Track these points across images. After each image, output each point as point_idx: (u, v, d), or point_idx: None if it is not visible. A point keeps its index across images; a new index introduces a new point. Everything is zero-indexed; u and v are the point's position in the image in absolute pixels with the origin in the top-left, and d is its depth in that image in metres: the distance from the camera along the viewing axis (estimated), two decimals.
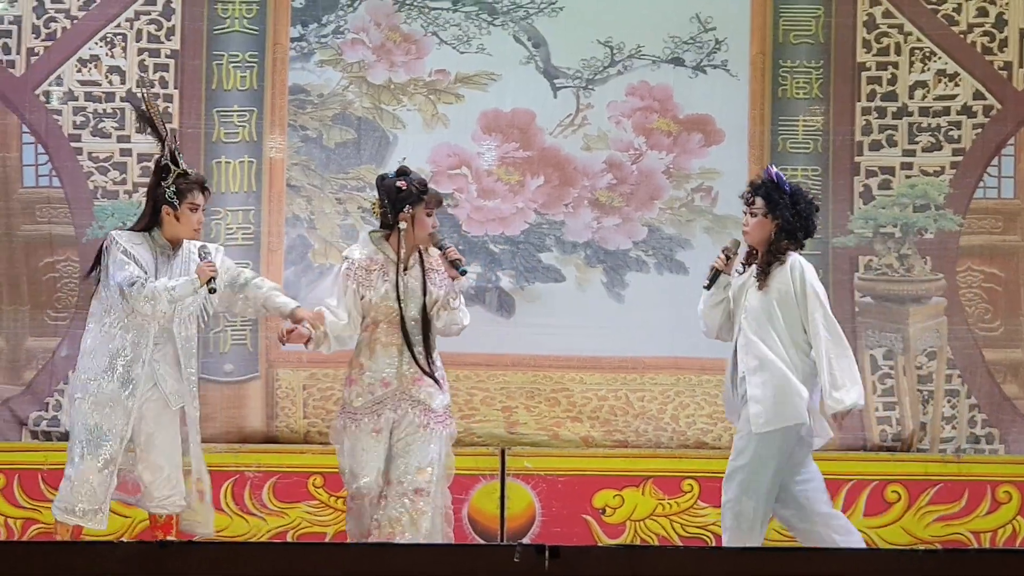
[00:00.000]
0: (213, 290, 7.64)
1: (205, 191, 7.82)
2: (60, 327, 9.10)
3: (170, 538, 7.64)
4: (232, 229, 9.22)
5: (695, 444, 9.15)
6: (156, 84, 9.20)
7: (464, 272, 7.90)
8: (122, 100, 9.04)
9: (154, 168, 7.86)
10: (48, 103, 9.15)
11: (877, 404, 9.23)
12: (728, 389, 7.90)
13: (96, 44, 9.22)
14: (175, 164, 7.75)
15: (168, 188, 7.71)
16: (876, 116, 9.33)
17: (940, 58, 9.32)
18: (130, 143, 9.21)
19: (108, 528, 8.47)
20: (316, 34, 9.31)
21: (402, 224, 7.80)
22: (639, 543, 8.87)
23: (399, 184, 7.80)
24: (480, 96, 9.30)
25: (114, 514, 8.15)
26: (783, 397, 7.67)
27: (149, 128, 7.89)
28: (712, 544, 8.72)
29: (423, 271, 7.83)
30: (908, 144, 9.32)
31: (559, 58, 9.32)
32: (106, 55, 9.22)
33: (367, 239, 7.93)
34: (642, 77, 9.33)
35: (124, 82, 9.21)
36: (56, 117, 9.17)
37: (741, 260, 7.94)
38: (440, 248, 7.91)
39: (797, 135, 9.33)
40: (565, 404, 9.20)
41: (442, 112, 9.31)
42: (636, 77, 9.33)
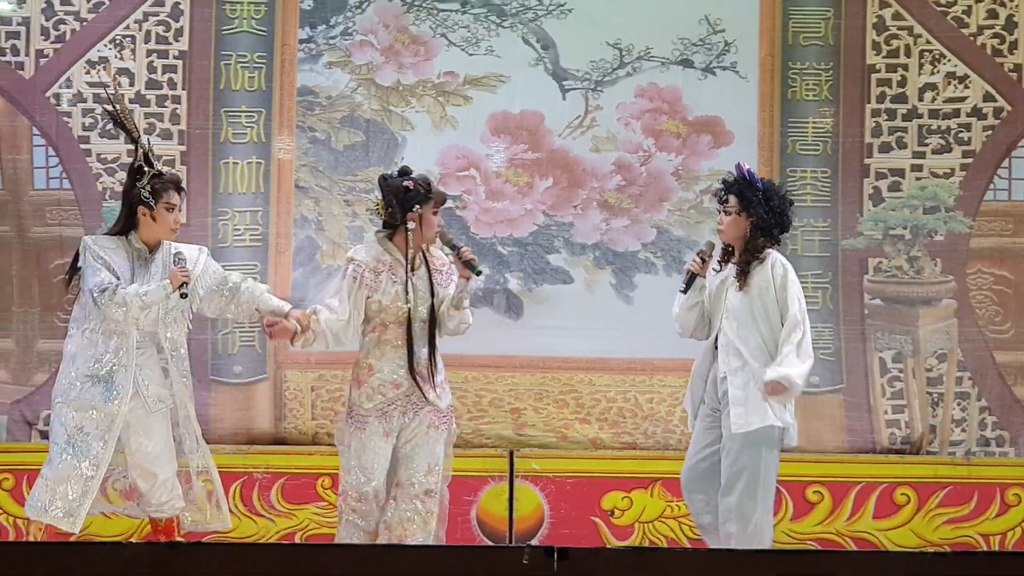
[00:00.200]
0: (185, 295, 7.60)
1: (180, 191, 7.77)
2: None
3: (179, 539, 7.63)
4: (240, 230, 9.22)
5: None
6: (164, 85, 9.21)
7: (479, 273, 7.89)
8: (100, 102, 9.00)
9: (128, 171, 7.81)
10: (58, 105, 9.15)
11: (887, 407, 9.22)
12: (697, 387, 7.85)
13: (105, 46, 9.23)
14: (149, 165, 7.72)
15: (143, 189, 7.66)
16: (886, 118, 9.32)
17: (950, 60, 9.31)
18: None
19: (117, 529, 8.50)
20: (324, 36, 9.31)
21: (411, 224, 7.77)
22: (648, 545, 8.86)
23: (406, 184, 7.77)
24: (489, 98, 9.30)
25: (127, 516, 8.14)
26: (764, 398, 7.67)
27: (121, 130, 7.86)
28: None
29: (429, 271, 7.82)
30: (918, 146, 9.31)
31: (568, 60, 9.32)
32: (115, 57, 9.23)
33: (372, 240, 7.90)
34: (651, 79, 9.32)
35: (133, 84, 9.21)
36: (66, 119, 9.18)
37: (718, 258, 7.90)
38: (452, 248, 7.89)
39: (807, 137, 9.32)
40: (574, 406, 9.20)
41: (451, 114, 9.31)
42: (645, 79, 9.32)
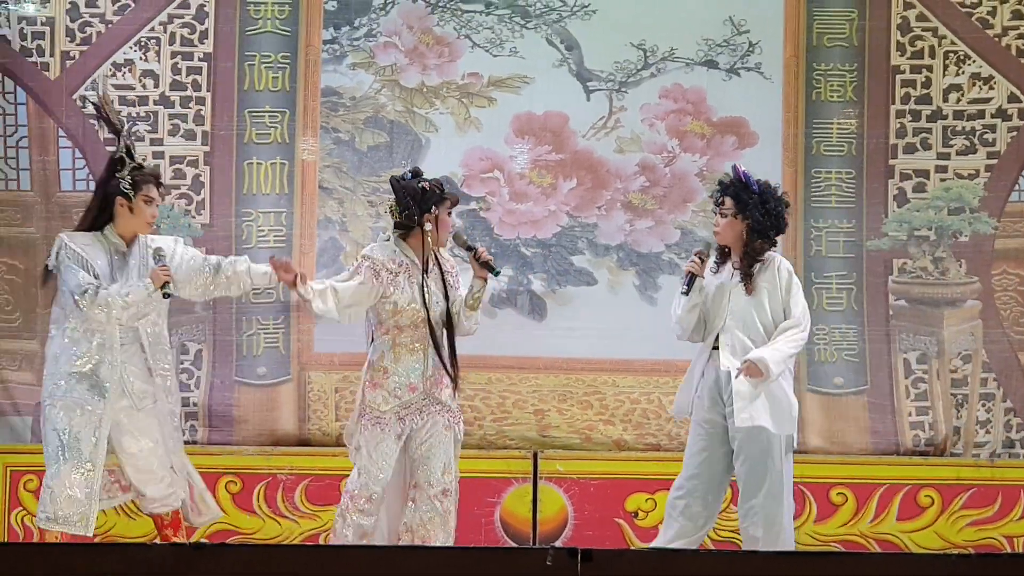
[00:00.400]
0: (167, 295, 7.61)
1: (160, 186, 7.78)
2: None
3: (203, 540, 7.64)
4: (264, 231, 9.23)
5: None
6: (189, 87, 9.23)
7: (498, 273, 7.90)
8: (79, 99, 9.00)
9: (107, 162, 7.81)
10: (84, 108, 9.18)
11: (911, 408, 9.20)
12: (691, 388, 7.82)
13: (131, 48, 9.25)
14: (131, 157, 7.73)
15: (123, 179, 7.67)
16: (910, 119, 9.29)
17: (974, 61, 9.29)
18: (163, 146, 9.24)
19: (141, 531, 8.51)
20: (348, 37, 9.32)
21: (427, 225, 7.77)
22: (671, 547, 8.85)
23: (423, 185, 7.78)
24: (513, 99, 9.30)
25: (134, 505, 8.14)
26: (776, 404, 7.66)
27: (104, 123, 7.87)
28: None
29: (442, 272, 7.83)
30: (942, 147, 9.29)
31: (592, 61, 9.32)
32: (140, 59, 9.25)
33: (387, 241, 7.90)
34: (675, 80, 9.31)
35: (158, 86, 9.24)
36: (92, 122, 9.19)
37: (714, 259, 7.88)
38: (468, 249, 7.90)
39: (831, 138, 9.30)
40: (597, 407, 9.19)
41: (475, 115, 9.31)
42: (669, 80, 9.31)
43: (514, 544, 8.91)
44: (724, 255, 7.86)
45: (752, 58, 9.30)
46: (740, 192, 7.78)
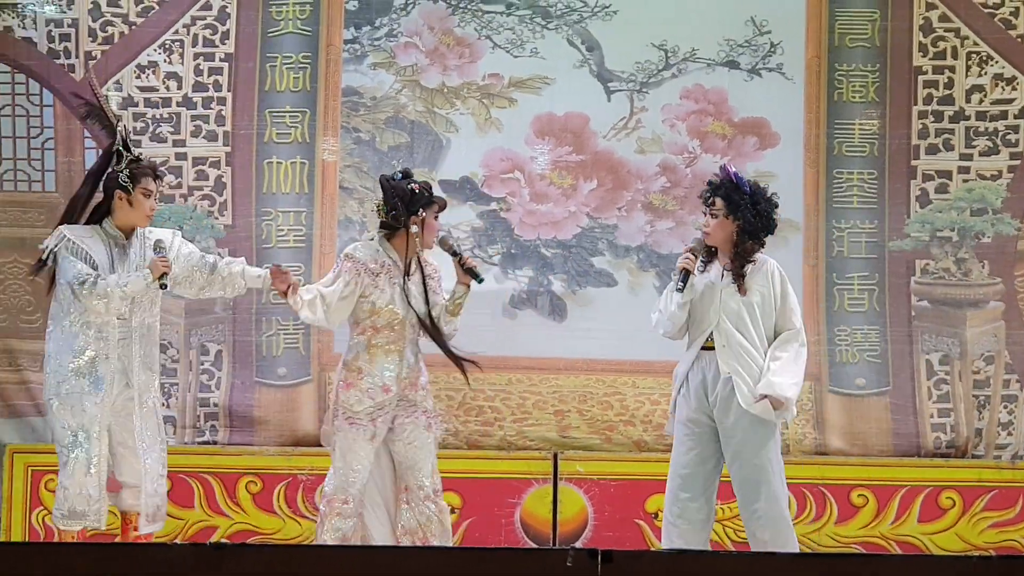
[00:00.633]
0: (164, 286, 7.62)
1: (158, 178, 7.78)
2: None
3: (224, 540, 7.64)
4: (284, 231, 9.24)
5: None
6: (210, 87, 9.25)
7: (481, 280, 7.86)
8: (74, 96, 9.01)
9: (103, 154, 7.81)
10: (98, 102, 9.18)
11: (932, 410, 9.18)
12: (684, 388, 7.79)
13: (155, 50, 9.27)
14: (127, 150, 7.73)
15: (121, 172, 7.68)
16: (933, 120, 9.27)
17: (997, 62, 9.26)
18: (185, 147, 9.25)
19: (163, 530, 8.52)
20: (369, 37, 9.33)
21: (414, 227, 7.75)
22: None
23: (412, 186, 7.76)
24: (533, 100, 9.30)
25: (170, 517, 8.18)
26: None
27: (98, 117, 7.87)
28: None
29: (423, 276, 7.81)
30: (965, 148, 9.27)
31: (613, 61, 9.31)
32: (164, 61, 9.27)
33: (371, 240, 7.88)
34: (697, 80, 9.30)
35: (180, 87, 9.25)
36: (86, 119, 9.21)
37: (702, 259, 7.83)
38: (453, 254, 7.87)
39: (853, 139, 9.28)
40: (618, 408, 9.18)
41: (495, 116, 9.31)
42: (691, 80, 9.30)
43: (534, 545, 8.90)
44: (711, 255, 7.82)
45: (774, 58, 9.29)
46: (731, 193, 7.73)
